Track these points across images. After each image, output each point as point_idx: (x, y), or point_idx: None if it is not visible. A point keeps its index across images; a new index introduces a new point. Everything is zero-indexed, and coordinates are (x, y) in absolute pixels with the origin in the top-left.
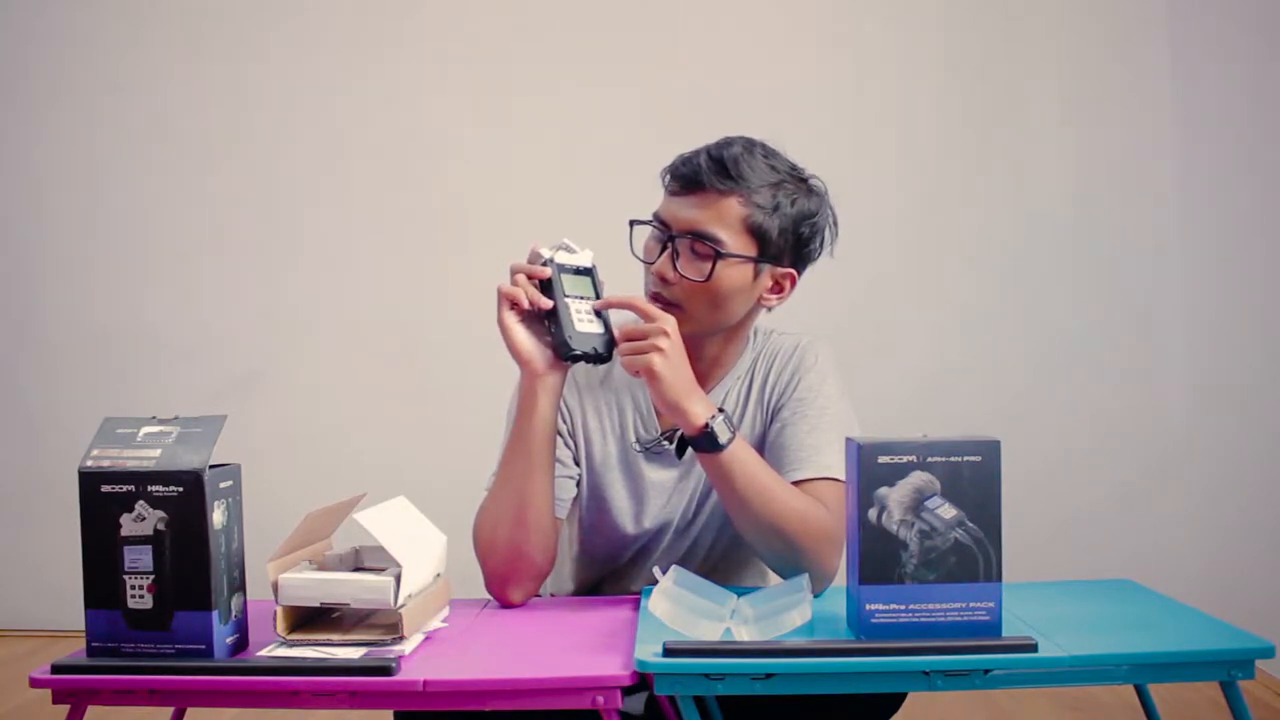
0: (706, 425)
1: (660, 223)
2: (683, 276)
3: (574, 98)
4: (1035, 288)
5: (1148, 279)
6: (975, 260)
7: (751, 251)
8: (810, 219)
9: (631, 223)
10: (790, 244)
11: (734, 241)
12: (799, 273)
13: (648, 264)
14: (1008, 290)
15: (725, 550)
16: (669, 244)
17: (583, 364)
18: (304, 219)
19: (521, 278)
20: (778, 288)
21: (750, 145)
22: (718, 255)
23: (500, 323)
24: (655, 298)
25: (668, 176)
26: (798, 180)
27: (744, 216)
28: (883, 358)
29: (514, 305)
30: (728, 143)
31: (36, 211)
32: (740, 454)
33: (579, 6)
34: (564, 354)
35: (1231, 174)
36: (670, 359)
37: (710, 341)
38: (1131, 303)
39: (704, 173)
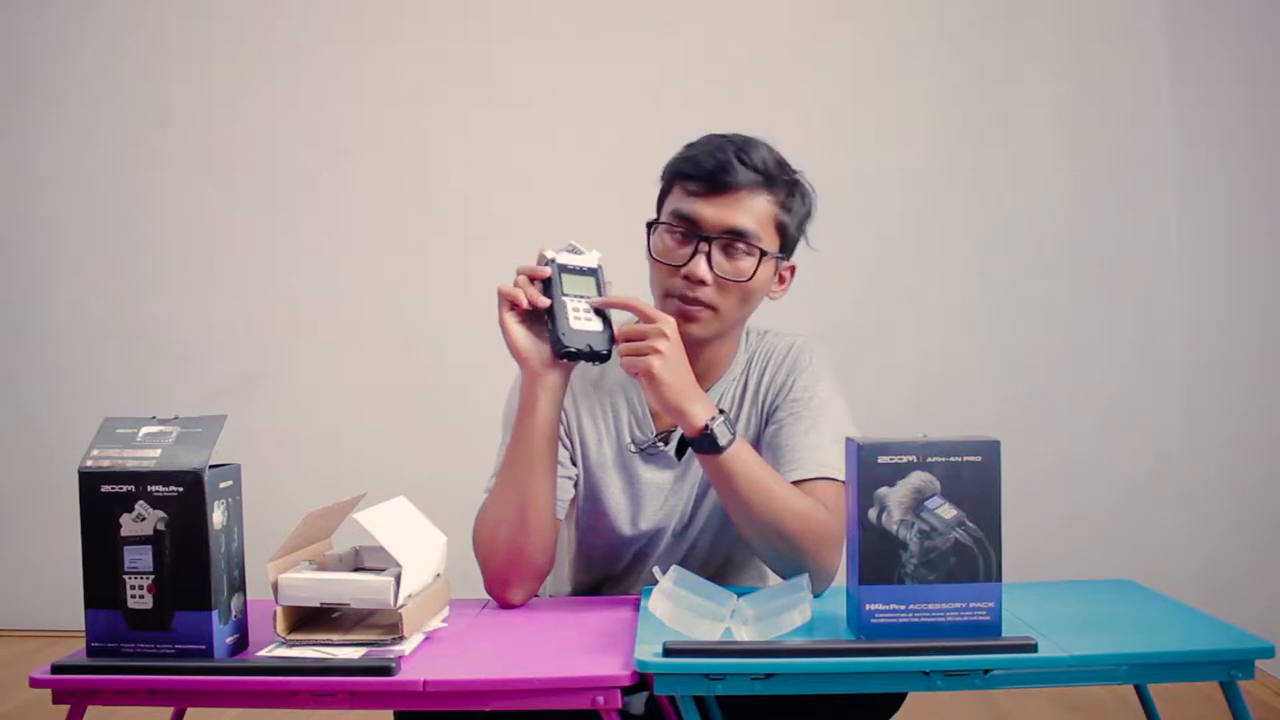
0: (706, 427)
1: (688, 223)
2: (721, 277)
3: (574, 98)
4: (1035, 288)
5: (1148, 278)
6: (975, 260)
7: (776, 248)
8: (810, 214)
9: (650, 224)
10: (796, 239)
11: (767, 239)
12: (794, 264)
13: (671, 266)
14: (1007, 290)
15: (725, 554)
16: (700, 246)
17: (579, 365)
18: (304, 219)
19: (522, 279)
20: (780, 280)
21: (765, 145)
22: (763, 254)
23: (500, 323)
24: (685, 299)
25: (682, 176)
26: (796, 178)
27: (773, 214)
28: (883, 357)
29: (514, 306)
30: (749, 143)
31: (36, 211)
32: (741, 454)
33: (579, 7)
34: (558, 351)
35: (1231, 174)
36: (669, 361)
37: (712, 342)
38: (1131, 302)
39: (737, 172)
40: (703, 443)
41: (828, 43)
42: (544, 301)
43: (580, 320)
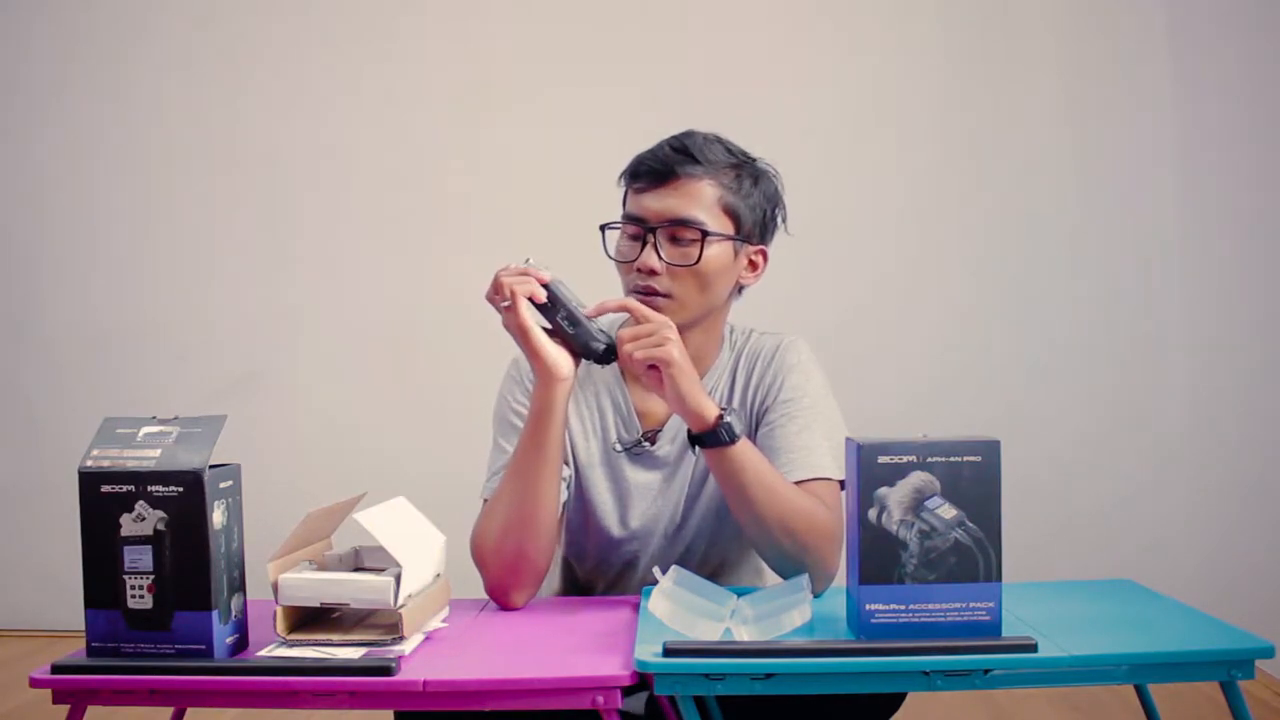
0: (720, 418)
1: (635, 220)
2: (670, 264)
3: (576, 98)
4: (1036, 288)
5: (1148, 279)
6: (976, 261)
7: (729, 231)
8: (773, 196)
9: (603, 227)
10: (759, 221)
11: (713, 222)
12: (767, 248)
13: (627, 264)
14: (1008, 291)
15: (721, 556)
16: (648, 237)
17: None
18: (304, 219)
19: (509, 278)
20: (752, 266)
21: (703, 133)
22: (705, 234)
23: (520, 325)
24: (643, 292)
25: (629, 177)
26: (751, 162)
27: (718, 197)
28: (884, 358)
29: (513, 304)
30: (685, 133)
31: (36, 211)
32: (749, 451)
33: (580, 6)
34: (592, 353)
35: (1232, 174)
36: (683, 352)
37: (689, 335)
38: (1131, 303)
39: (673, 162)
40: (717, 435)
41: (829, 44)
42: (542, 293)
43: (594, 322)
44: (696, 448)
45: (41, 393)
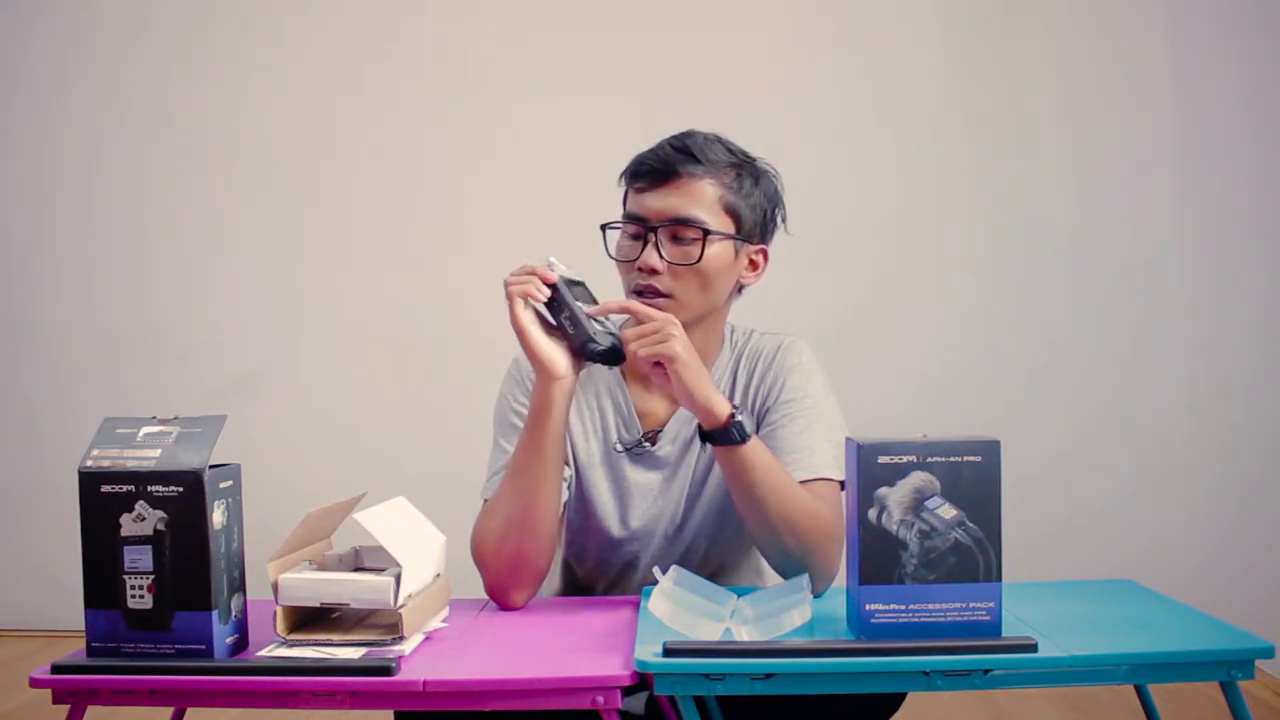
0: (733, 415)
1: (636, 219)
2: (671, 263)
3: (577, 98)
4: (1036, 288)
5: (1148, 279)
6: (976, 261)
7: (730, 230)
8: (773, 196)
9: (604, 226)
10: (759, 221)
11: (714, 221)
12: (768, 248)
13: (628, 263)
14: (1008, 291)
15: (721, 556)
16: (649, 237)
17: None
18: (304, 219)
19: (519, 277)
20: (752, 265)
21: (704, 133)
22: (706, 233)
23: (516, 324)
24: (644, 291)
25: (630, 176)
26: (751, 162)
27: (719, 197)
28: (884, 358)
29: (525, 299)
30: (686, 133)
31: (36, 211)
32: (759, 449)
33: (580, 7)
34: (590, 353)
35: (1232, 174)
36: (688, 345)
37: (690, 335)
38: (1132, 303)
39: (674, 161)
40: (729, 432)
41: (829, 44)
42: (546, 292)
43: (595, 323)
44: (706, 444)
45: (41, 393)
